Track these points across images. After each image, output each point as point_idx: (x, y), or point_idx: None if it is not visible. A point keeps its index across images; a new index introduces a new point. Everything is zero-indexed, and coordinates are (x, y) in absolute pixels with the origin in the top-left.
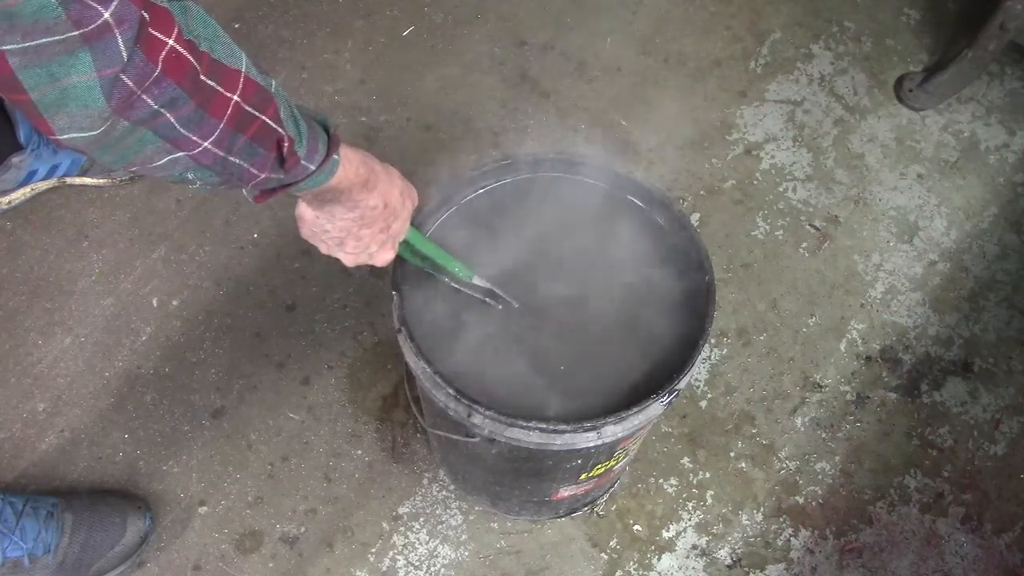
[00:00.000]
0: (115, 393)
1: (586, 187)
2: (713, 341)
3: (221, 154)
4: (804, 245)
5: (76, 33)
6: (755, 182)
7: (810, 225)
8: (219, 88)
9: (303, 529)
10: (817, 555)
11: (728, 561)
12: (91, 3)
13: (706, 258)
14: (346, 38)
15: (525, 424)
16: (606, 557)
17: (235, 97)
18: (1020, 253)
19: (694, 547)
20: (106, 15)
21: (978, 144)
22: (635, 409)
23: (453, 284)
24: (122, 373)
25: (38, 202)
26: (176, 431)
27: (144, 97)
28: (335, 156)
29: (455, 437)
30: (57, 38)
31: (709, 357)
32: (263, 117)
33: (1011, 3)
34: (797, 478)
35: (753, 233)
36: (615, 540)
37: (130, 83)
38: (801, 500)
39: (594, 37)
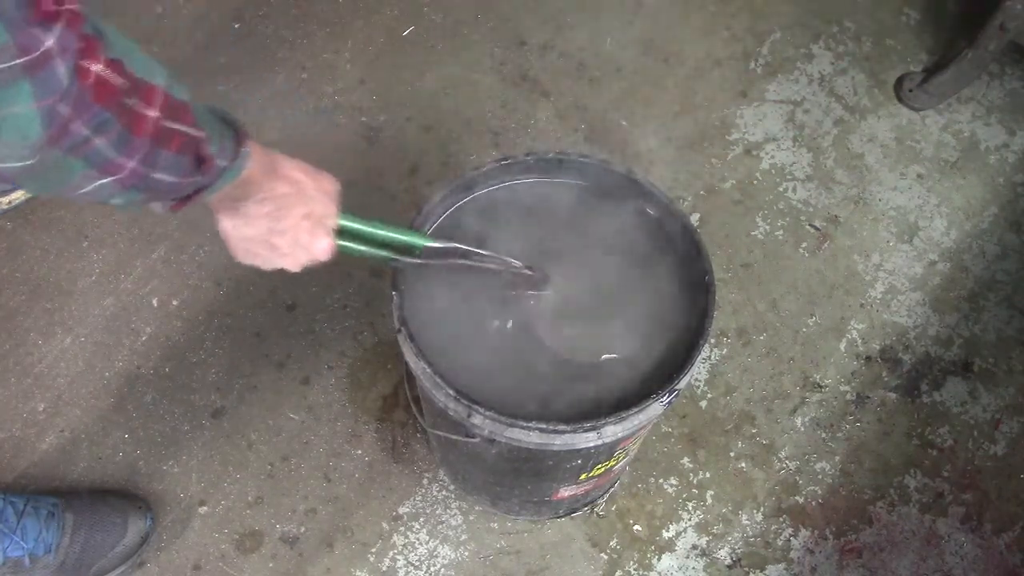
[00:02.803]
0: (115, 393)
1: (585, 187)
2: (713, 341)
3: (144, 171)
4: (804, 245)
5: (18, 63)
6: (755, 182)
7: (810, 225)
8: (140, 106)
9: (303, 529)
10: (817, 555)
11: (728, 561)
12: (35, 31)
13: (706, 258)
14: (346, 38)
15: (525, 424)
16: (606, 557)
17: (155, 113)
18: (1020, 253)
19: (694, 547)
20: (49, 43)
21: (978, 144)
22: (635, 409)
23: (413, 262)
24: (122, 373)
25: (38, 202)
26: (176, 431)
27: (76, 124)
28: (244, 149)
29: (455, 437)
30: (2, 66)
31: (709, 357)
32: (182, 127)
33: (1011, 3)
34: (797, 478)
35: (753, 233)
36: (615, 540)
37: (65, 112)
38: (801, 500)
39: (594, 37)
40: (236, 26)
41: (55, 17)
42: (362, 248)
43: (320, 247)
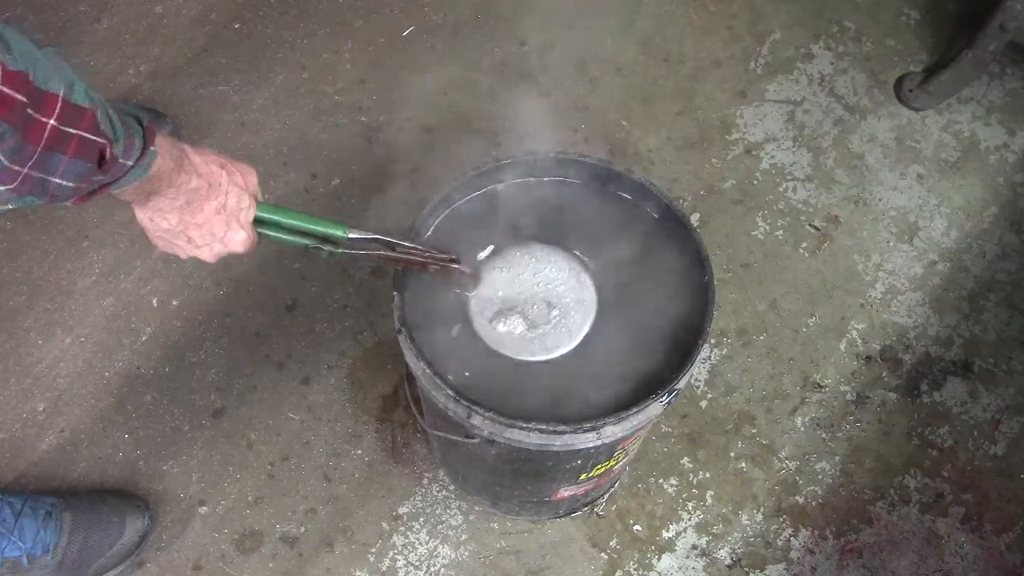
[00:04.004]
0: (115, 393)
1: (585, 187)
2: (713, 341)
3: (39, 177)
4: (804, 245)
5: None
6: (755, 182)
7: (810, 225)
8: (36, 115)
9: (303, 529)
10: (817, 555)
11: (728, 561)
12: None
13: (706, 258)
14: (346, 38)
15: (525, 425)
16: (606, 557)
17: (51, 121)
18: (1020, 253)
19: (694, 547)
20: None
21: (978, 144)
22: (635, 409)
23: (345, 251)
24: (122, 373)
25: None
26: (176, 431)
27: None
28: (152, 148)
29: (455, 438)
30: None
31: (709, 357)
32: (79, 132)
33: (1011, 3)
34: (797, 478)
35: (753, 233)
36: (615, 540)
37: None
38: (801, 500)
39: (594, 37)
40: (236, 26)
41: None
42: (284, 237)
43: (235, 239)
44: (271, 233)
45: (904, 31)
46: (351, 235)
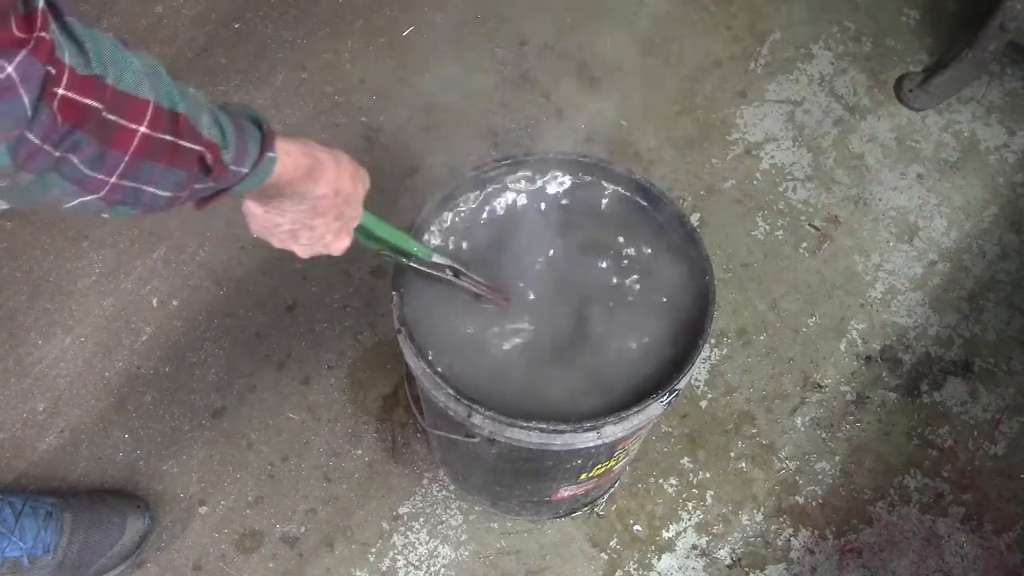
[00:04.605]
0: (115, 393)
1: (585, 187)
2: (713, 341)
3: (130, 186)
4: (804, 245)
5: None
6: (755, 182)
7: (810, 225)
8: (122, 121)
9: (303, 529)
10: (817, 555)
11: (728, 561)
12: None
13: (706, 258)
14: (346, 38)
15: (525, 424)
16: (606, 557)
17: (142, 128)
18: (1020, 253)
19: (694, 547)
20: (9, 70)
21: (978, 144)
22: (635, 409)
23: (414, 266)
24: (122, 373)
25: None
26: (176, 431)
27: (45, 147)
28: (270, 154)
29: (455, 437)
30: None
31: (709, 357)
32: (176, 140)
33: (1011, 3)
34: (797, 478)
35: (753, 233)
36: (615, 540)
37: (35, 140)
38: (801, 500)
39: (594, 37)
40: (236, 26)
41: (20, 44)
42: (370, 244)
43: (339, 246)
44: (364, 241)
45: (904, 31)
46: (434, 260)
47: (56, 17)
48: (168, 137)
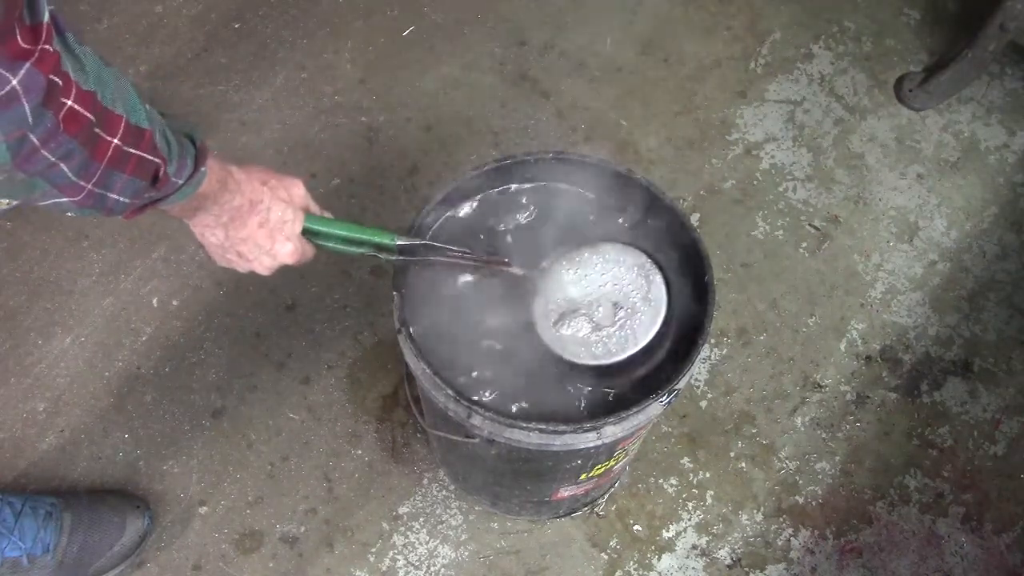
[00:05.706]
0: (115, 393)
1: (585, 187)
2: (713, 341)
3: (100, 193)
4: (804, 245)
5: None
6: (755, 182)
7: (810, 225)
8: (102, 134)
9: (303, 529)
10: (817, 555)
11: (728, 561)
12: (1, 71)
13: (706, 258)
14: (346, 38)
15: (525, 425)
16: (606, 557)
17: (115, 140)
18: (1020, 253)
19: (694, 547)
20: (13, 83)
21: (978, 144)
22: (635, 409)
23: (388, 258)
24: (122, 373)
25: None
26: (176, 431)
27: (43, 152)
28: (203, 168)
29: (455, 438)
30: None
31: (709, 357)
32: (139, 152)
33: (1011, 3)
34: (797, 478)
35: (753, 233)
36: (615, 540)
37: (36, 141)
38: (801, 500)
39: (594, 37)
40: (236, 26)
41: (25, 56)
42: (338, 246)
43: (283, 251)
44: (326, 244)
45: (904, 31)
46: (399, 242)
47: (57, 32)
48: (133, 150)
